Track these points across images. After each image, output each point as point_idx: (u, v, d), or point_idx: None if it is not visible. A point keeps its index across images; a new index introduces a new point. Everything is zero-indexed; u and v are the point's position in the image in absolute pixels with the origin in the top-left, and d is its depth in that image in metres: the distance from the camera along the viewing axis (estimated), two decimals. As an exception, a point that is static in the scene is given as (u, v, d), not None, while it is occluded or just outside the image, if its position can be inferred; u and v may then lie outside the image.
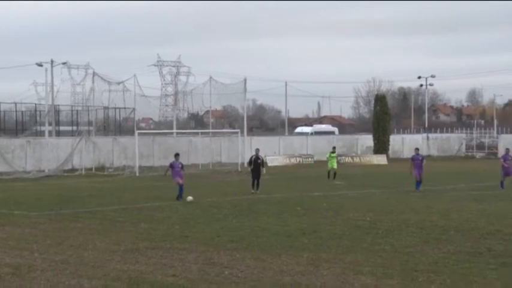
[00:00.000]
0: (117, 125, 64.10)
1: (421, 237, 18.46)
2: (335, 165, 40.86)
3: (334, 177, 39.83)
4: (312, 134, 77.85)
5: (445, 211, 24.48)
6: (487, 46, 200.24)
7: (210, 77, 61.58)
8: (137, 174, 47.51)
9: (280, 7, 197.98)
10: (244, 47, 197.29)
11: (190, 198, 27.46)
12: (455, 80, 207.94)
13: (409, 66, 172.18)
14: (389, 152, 68.07)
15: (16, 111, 62.95)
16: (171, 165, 29.20)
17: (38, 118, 61.80)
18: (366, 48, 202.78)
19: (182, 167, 29.26)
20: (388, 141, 68.94)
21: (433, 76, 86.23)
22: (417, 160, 34.23)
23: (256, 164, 33.32)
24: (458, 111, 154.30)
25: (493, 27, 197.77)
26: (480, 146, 77.89)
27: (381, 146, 67.66)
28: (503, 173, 34.01)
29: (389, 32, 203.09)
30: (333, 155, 41.49)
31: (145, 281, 13.30)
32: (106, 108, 60.16)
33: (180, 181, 28.39)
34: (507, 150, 35.82)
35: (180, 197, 28.09)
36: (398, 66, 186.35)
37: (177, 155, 29.80)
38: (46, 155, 49.90)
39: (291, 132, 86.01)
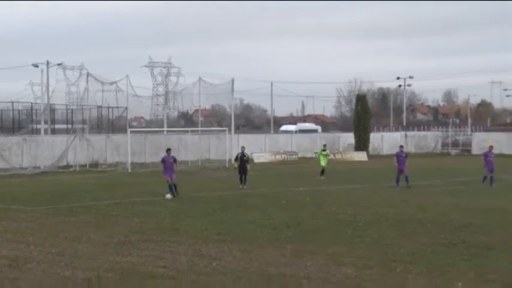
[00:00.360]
0: (110, 124, 63.82)
1: (399, 230, 18.56)
2: (326, 163, 40.39)
3: (323, 173, 39.45)
4: (296, 132, 78.01)
5: (421, 205, 24.60)
6: (462, 49, 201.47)
7: (199, 78, 61.63)
8: (129, 170, 47.36)
9: (267, 11, 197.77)
10: (232, 49, 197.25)
11: (168, 196, 27.17)
12: (432, 80, 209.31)
13: (388, 68, 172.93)
14: (370, 149, 68.22)
15: (13, 110, 62.57)
16: (163, 160, 29.00)
17: (34, 117, 61.40)
18: (348, 50, 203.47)
19: (174, 160, 28.85)
20: (369, 139, 69.15)
21: (411, 77, 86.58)
22: (401, 157, 34.22)
23: (242, 161, 33.61)
24: (435, 111, 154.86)
25: (468, 31, 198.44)
26: (455, 144, 78.23)
27: (361, 144, 67.84)
28: (487, 169, 34.13)
29: (370, 35, 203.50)
30: (324, 152, 41.12)
31: (137, 272, 13.32)
32: (99, 107, 60.02)
33: (169, 180, 28.06)
34: (490, 147, 36.03)
35: (172, 192, 27.74)
36: (378, 68, 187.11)
37: (168, 150, 29.52)
38: (42, 152, 49.67)
39: (277, 130, 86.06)
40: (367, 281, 12.33)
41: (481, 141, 74.15)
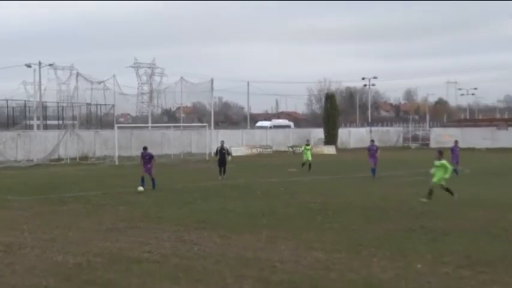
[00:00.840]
0: (98, 120, 63.56)
1: (364, 217, 18.65)
2: (310, 157, 39.51)
3: (310, 168, 38.54)
4: (270, 127, 78.16)
5: (385, 194, 24.77)
6: (421, 52, 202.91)
7: (181, 77, 61.62)
8: (117, 163, 47.24)
9: (244, 18, 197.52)
10: (212, 51, 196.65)
11: (140, 188, 26.84)
12: (394, 81, 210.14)
13: (354, 69, 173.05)
14: (338, 143, 68.61)
15: (7, 107, 61.92)
16: (142, 156, 28.62)
17: (27, 113, 60.97)
18: (318, 53, 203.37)
19: (150, 158, 28.39)
20: (337, 134, 69.56)
21: (375, 77, 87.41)
22: (372, 150, 34.39)
23: (221, 154, 33.79)
24: (397, 108, 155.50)
25: (427, 36, 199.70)
26: (415, 138, 78.98)
27: (330, 138, 68.24)
28: (454, 161, 34.43)
29: (339, 39, 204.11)
30: (307, 147, 40.59)
31: (124, 256, 13.27)
32: (88, 104, 59.81)
33: (145, 174, 27.62)
34: (456, 142, 36.35)
35: (152, 186, 27.35)
36: (345, 69, 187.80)
37: (145, 148, 29.07)
38: (35, 146, 49.49)
39: (253, 126, 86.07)
40: (336, 264, 12.37)
41: (438, 135, 75.07)
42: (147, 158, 28.09)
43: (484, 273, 11.60)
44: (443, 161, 21.01)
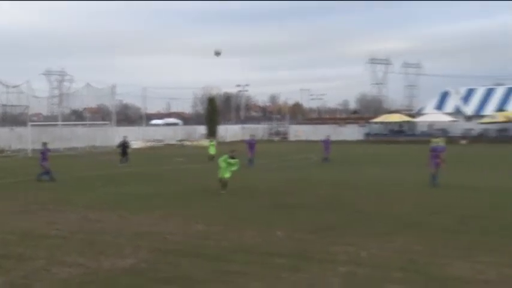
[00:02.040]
0: (13, 119, 60.52)
1: (240, 196, 18.77)
2: (213, 151, 36.68)
3: (211, 159, 35.47)
4: (163, 125, 77.40)
5: (257, 178, 25.07)
6: (283, 65, 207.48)
7: (87, 83, 60.18)
8: (30, 155, 44.95)
9: (142, 34, 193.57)
10: (115, 61, 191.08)
11: (44, 177, 24.84)
12: (262, 87, 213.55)
13: (231, 77, 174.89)
14: (218, 137, 68.92)
15: None
16: (42, 152, 26.72)
17: None
18: (202, 64, 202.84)
19: (48, 150, 26.23)
20: (217, 130, 69.91)
21: (247, 85, 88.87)
22: (251, 143, 33.93)
23: (124, 146, 34.35)
24: (264, 109, 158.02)
25: (287, 53, 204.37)
26: (277, 133, 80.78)
27: (211, 133, 68.41)
28: (326, 152, 35.26)
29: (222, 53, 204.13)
30: (212, 143, 39.02)
31: (34, 233, 12.64)
32: (4, 105, 56.76)
33: (46, 166, 25.95)
34: (328, 136, 36.83)
35: (41, 176, 24.91)
36: (224, 77, 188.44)
37: (44, 143, 27.03)
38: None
39: (148, 124, 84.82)
40: (214, 234, 12.39)
41: (295, 131, 77.62)
42: (44, 152, 26.18)
43: (328, 236, 12.02)
44: (237, 160, 20.36)
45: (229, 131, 73.82)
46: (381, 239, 11.64)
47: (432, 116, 69.84)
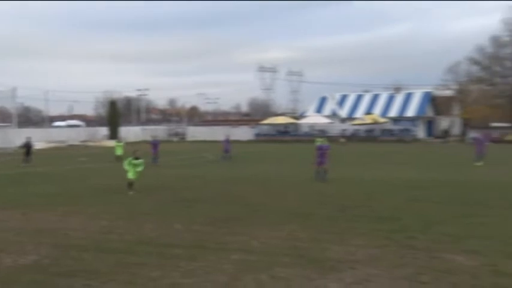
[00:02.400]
0: None
1: (143, 193, 18.27)
2: (120, 152, 34.82)
3: (119, 160, 33.28)
4: (65, 126, 73.97)
5: (158, 175, 24.60)
6: (181, 71, 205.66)
7: (-13, 86, 56.21)
8: None
9: (49, 39, 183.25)
10: (17, 65, 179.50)
11: None
12: (162, 91, 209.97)
13: (133, 82, 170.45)
14: (119, 138, 67.05)
15: None
16: None
17: None
18: (104, 69, 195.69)
19: None
20: (118, 131, 68.02)
21: (147, 89, 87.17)
22: (154, 143, 33.08)
23: (27, 147, 32.61)
24: (163, 112, 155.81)
25: (185, 60, 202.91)
26: (176, 134, 79.98)
27: (113, 134, 66.45)
28: (225, 150, 35.32)
29: (121, 60, 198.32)
30: (119, 144, 36.91)
31: None
32: None
33: None
34: (227, 136, 36.72)
35: None
36: (125, 82, 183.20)
37: None
38: None
39: (51, 126, 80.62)
40: (117, 228, 12.02)
41: (192, 132, 77.31)
42: None
43: (223, 228, 12.05)
44: (141, 160, 20.01)
45: (130, 132, 72.01)
46: (270, 229, 11.86)
47: (313, 118, 72.44)
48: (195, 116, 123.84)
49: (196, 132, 76.93)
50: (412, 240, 10.48)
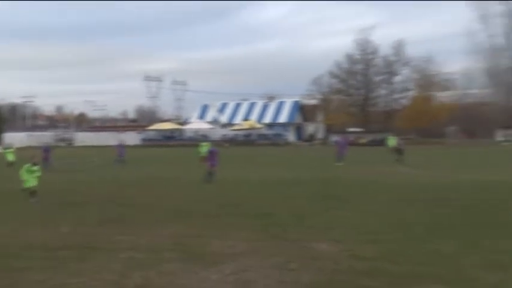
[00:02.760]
0: None
1: (27, 199, 16.93)
2: (11, 158, 32.28)
3: (10, 166, 30.66)
4: None
5: (46, 180, 22.91)
6: (68, 79, 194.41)
7: None
8: None
9: None
10: None
11: None
12: (50, 98, 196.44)
13: (20, 89, 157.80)
14: (3, 144, 61.76)
15: None
16: None
17: None
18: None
19: None
20: (2, 137, 62.76)
21: (33, 96, 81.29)
22: (46, 149, 31.38)
23: None
24: (51, 118, 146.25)
25: (73, 67, 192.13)
26: (63, 139, 75.53)
27: (-2, 140, 61.18)
28: (119, 154, 33.91)
29: (7, 67, 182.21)
30: (8, 150, 33.91)
31: None
32: None
33: None
34: (121, 141, 35.09)
35: None
36: (12, 89, 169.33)
37: None
38: None
39: None
40: (2, 235, 11.00)
41: (81, 137, 73.60)
42: None
43: (111, 228, 11.57)
44: (38, 166, 18.54)
45: (15, 139, 66.53)
46: (157, 227, 11.61)
47: (196, 124, 72.66)
48: (83, 122, 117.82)
49: (85, 138, 73.17)
50: (285, 232, 10.86)
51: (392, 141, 44.01)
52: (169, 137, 71.35)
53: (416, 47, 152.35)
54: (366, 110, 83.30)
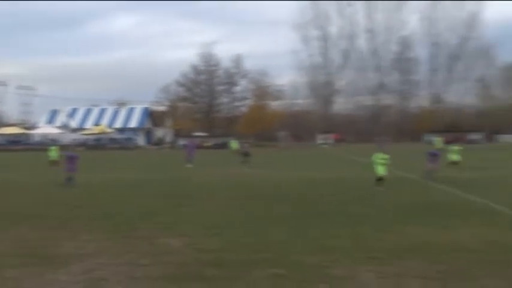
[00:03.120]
0: None
1: None
2: None
3: None
4: None
5: None
6: None
7: None
8: None
9: None
10: None
11: None
12: None
13: None
14: None
15: None
16: None
17: None
18: None
19: None
20: None
21: None
22: None
23: None
24: None
25: None
26: None
27: None
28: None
29: None
30: None
31: None
32: None
33: None
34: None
35: None
36: None
37: None
38: None
39: None
40: None
41: None
42: None
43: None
44: None
45: None
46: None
47: (45, 129, 67.97)
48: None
49: None
50: (135, 230, 10.51)
51: (234, 144, 45.44)
52: (14, 142, 64.35)
53: (253, 61, 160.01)
54: (211, 116, 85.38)
